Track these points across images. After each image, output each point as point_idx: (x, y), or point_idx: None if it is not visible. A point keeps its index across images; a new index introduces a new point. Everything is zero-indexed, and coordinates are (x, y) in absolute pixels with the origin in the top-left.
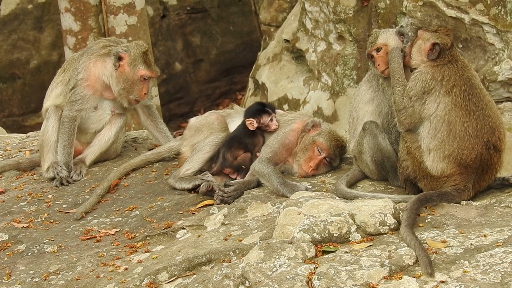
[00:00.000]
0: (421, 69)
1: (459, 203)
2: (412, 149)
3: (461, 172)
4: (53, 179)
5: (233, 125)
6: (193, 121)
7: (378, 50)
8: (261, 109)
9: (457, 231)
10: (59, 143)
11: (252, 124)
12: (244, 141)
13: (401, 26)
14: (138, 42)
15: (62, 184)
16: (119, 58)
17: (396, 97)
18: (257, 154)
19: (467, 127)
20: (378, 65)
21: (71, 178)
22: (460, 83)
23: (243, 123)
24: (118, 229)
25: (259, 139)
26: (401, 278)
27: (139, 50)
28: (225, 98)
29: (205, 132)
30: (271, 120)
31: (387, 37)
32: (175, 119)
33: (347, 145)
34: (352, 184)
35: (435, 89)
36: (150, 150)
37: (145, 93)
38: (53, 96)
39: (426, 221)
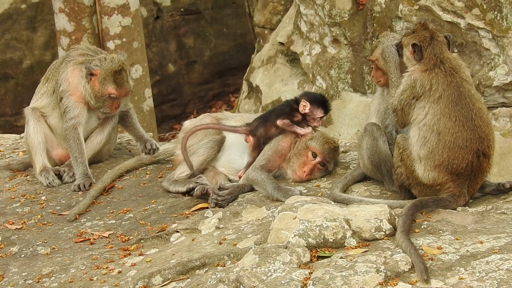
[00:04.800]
0: (410, 72)
1: (455, 209)
2: (404, 156)
3: (454, 180)
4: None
5: None
6: (187, 124)
7: (372, 61)
8: (323, 102)
9: (453, 238)
10: (71, 157)
11: (305, 107)
12: (284, 112)
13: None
14: (114, 58)
15: (53, 186)
16: (91, 74)
17: (390, 98)
18: (279, 122)
19: (456, 138)
20: (372, 76)
21: (62, 180)
22: (448, 92)
23: (296, 100)
24: (111, 232)
25: (296, 118)
26: (396, 284)
27: (111, 68)
28: (218, 100)
29: (200, 135)
30: (320, 119)
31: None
32: (168, 120)
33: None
34: (347, 189)
35: (423, 96)
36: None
37: (116, 107)
38: (37, 105)
39: (422, 227)
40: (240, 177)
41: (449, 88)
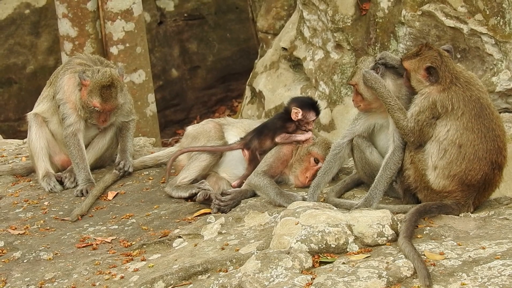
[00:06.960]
0: (426, 94)
1: (458, 215)
2: (415, 159)
3: (463, 190)
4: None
5: (230, 134)
6: (190, 129)
7: (352, 86)
8: (313, 104)
9: (455, 243)
10: (72, 163)
11: (297, 114)
12: (276, 126)
13: (380, 58)
14: (106, 72)
15: (54, 192)
16: (82, 83)
17: (399, 122)
18: (278, 139)
19: (477, 150)
20: (353, 100)
21: (64, 185)
22: (469, 107)
23: (286, 110)
24: (114, 237)
25: (289, 128)
26: None
27: (100, 81)
28: (221, 105)
29: (202, 140)
30: (314, 121)
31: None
32: (171, 125)
33: None
34: (344, 193)
35: (445, 115)
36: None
37: (103, 121)
38: (38, 110)
39: (424, 232)
40: (234, 187)
41: (470, 103)
